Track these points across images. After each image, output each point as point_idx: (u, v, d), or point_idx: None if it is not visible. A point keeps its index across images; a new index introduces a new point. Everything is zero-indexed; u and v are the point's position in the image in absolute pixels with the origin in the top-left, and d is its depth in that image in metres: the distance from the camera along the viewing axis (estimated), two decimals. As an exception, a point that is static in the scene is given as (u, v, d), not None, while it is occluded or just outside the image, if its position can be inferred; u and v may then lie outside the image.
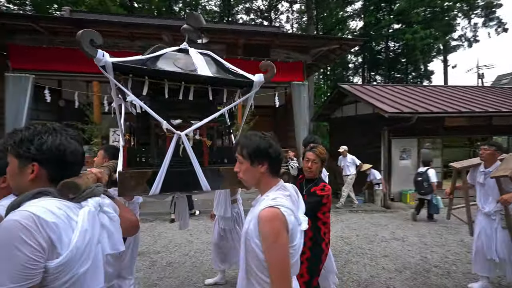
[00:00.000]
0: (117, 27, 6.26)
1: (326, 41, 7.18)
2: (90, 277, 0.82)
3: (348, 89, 8.69)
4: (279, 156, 1.18)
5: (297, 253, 1.12)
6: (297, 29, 22.21)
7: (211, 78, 1.61)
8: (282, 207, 1.05)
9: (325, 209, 1.97)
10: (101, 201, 0.94)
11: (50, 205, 0.78)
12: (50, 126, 0.92)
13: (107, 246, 0.93)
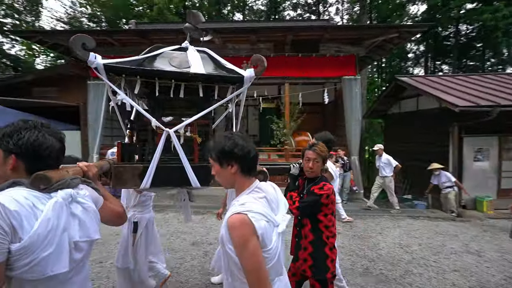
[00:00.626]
0: (173, 34, 6.81)
1: (382, 30, 6.59)
2: (52, 261, 0.88)
3: (407, 82, 7.84)
4: (250, 155, 1.11)
5: (274, 256, 1.08)
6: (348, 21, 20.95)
7: (201, 75, 1.59)
8: (250, 212, 1.00)
9: (327, 211, 1.81)
10: (73, 192, 1.00)
11: (17, 195, 0.87)
12: (31, 124, 1.00)
13: (76, 234, 0.97)
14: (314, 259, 1.78)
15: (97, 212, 1.10)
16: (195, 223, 4.92)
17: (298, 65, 7.15)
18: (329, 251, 1.80)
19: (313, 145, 1.91)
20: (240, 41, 7.14)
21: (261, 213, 1.04)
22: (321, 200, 1.77)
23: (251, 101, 8.36)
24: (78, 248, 1.00)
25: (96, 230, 1.07)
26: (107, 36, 6.87)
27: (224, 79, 1.71)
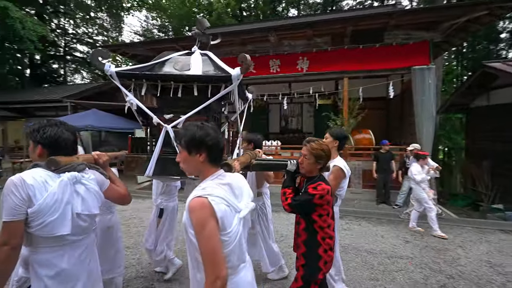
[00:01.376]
0: (230, 36, 7.11)
1: (467, 8, 5.58)
2: (57, 224, 1.21)
3: (501, 69, 6.48)
4: (218, 145, 1.18)
5: (234, 240, 1.11)
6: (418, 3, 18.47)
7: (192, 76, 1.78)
8: (211, 196, 1.05)
9: (321, 211, 1.71)
10: (78, 175, 1.30)
11: (35, 173, 1.21)
12: (53, 122, 1.34)
13: (79, 207, 1.28)
14: (306, 258, 1.75)
15: (99, 192, 1.40)
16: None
17: (359, 58, 6.64)
18: (323, 252, 1.72)
19: (309, 140, 1.84)
20: (296, 37, 7.02)
21: (221, 197, 1.08)
22: (314, 200, 1.68)
23: (306, 98, 8.16)
24: (81, 218, 1.30)
25: (96, 206, 1.37)
26: (174, 43, 7.59)
27: (213, 78, 1.84)
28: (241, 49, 7.43)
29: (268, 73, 7.29)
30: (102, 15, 20.68)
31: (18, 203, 1.15)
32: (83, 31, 21.10)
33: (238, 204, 1.18)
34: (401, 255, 3.56)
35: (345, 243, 3.92)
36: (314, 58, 6.96)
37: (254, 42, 7.31)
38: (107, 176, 1.49)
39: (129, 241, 3.85)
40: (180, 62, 1.98)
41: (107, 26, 21.47)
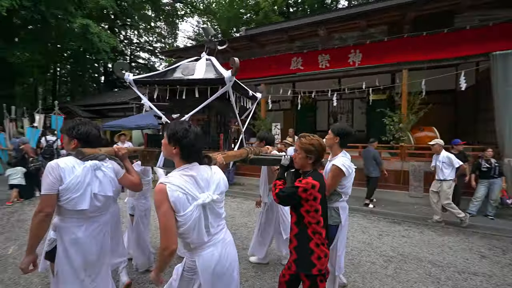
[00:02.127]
0: (279, 33, 7.09)
1: None
2: (79, 201, 1.56)
3: None
4: (191, 147, 1.39)
5: (189, 221, 1.32)
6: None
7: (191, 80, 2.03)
8: (169, 184, 1.30)
9: (308, 207, 1.69)
10: (98, 163, 1.66)
11: (67, 160, 1.59)
12: (84, 121, 1.76)
13: (96, 189, 1.63)
14: (298, 253, 1.74)
15: (114, 179, 1.75)
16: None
17: (421, 46, 5.95)
18: (315, 247, 1.70)
19: (301, 136, 1.87)
20: (347, 30, 6.65)
21: (178, 185, 1.31)
22: (298, 192, 1.68)
23: (358, 94, 7.66)
24: (97, 199, 1.64)
25: (110, 190, 1.71)
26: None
27: (209, 81, 2.03)
28: (289, 46, 7.36)
29: (317, 69, 7.06)
30: (160, 24, 22.76)
31: (53, 181, 1.52)
32: (145, 40, 23.57)
33: (198, 193, 1.37)
34: (475, 272, 3.08)
35: (404, 251, 3.58)
36: (368, 50, 6.48)
37: (302, 38, 7.16)
38: (123, 166, 1.84)
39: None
40: (188, 68, 2.26)
41: (164, 33, 23.57)
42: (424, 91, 5.99)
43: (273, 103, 7.76)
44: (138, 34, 22.95)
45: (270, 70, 7.70)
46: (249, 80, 8.13)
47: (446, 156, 4.51)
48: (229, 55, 8.36)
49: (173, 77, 2.17)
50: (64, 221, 1.61)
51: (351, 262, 3.24)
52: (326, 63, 6.97)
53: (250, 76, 8.02)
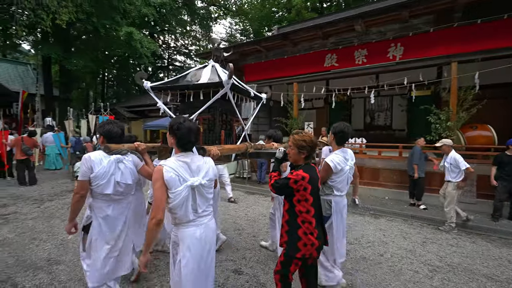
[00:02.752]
0: (313, 30, 6.91)
1: None
2: (105, 187, 2.00)
3: None
4: (184, 139, 1.69)
5: (178, 198, 1.62)
6: None
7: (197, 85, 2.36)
8: (165, 166, 1.61)
9: (299, 197, 1.88)
10: (121, 157, 2.07)
11: (97, 154, 2.02)
12: (109, 121, 2.19)
13: (119, 177, 2.05)
14: (288, 237, 1.94)
15: (134, 170, 2.16)
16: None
17: (475, 36, 5.34)
18: (303, 234, 1.87)
19: (295, 132, 2.02)
20: (387, 22, 6.23)
21: (172, 168, 1.62)
22: (289, 184, 1.85)
23: (398, 90, 7.16)
24: (119, 185, 2.07)
25: (130, 179, 2.12)
26: (256, 45, 7.98)
27: (209, 84, 2.33)
28: (323, 43, 7.15)
29: (353, 65, 6.76)
30: (195, 28, 23.72)
31: (86, 170, 1.98)
32: (181, 44, 24.79)
33: (189, 177, 1.67)
34: (542, 290, 2.70)
35: (453, 261, 3.27)
36: (410, 43, 6.01)
37: (337, 33, 6.90)
38: (142, 160, 2.23)
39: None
40: (196, 74, 2.59)
41: (199, 36, 24.51)
42: (477, 86, 5.38)
43: (305, 102, 7.61)
44: (175, 38, 24.21)
45: (302, 68, 7.56)
46: (281, 79, 8.09)
47: (453, 157, 4.33)
48: (261, 55, 8.41)
49: (182, 83, 2.51)
50: (96, 202, 2.08)
51: (391, 269, 3.06)
52: (363, 59, 6.64)
53: (282, 75, 7.98)
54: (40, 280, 2.75)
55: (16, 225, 4.29)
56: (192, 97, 2.40)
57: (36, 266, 3.02)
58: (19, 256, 3.25)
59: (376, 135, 9.42)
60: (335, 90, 7.41)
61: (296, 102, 7.78)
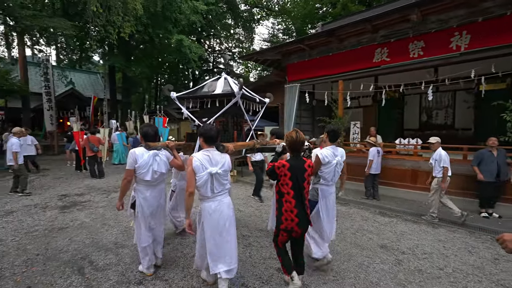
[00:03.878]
0: (361, 24, 6.53)
1: None
2: (145, 174, 2.68)
3: None
4: (209, 137, 2.40)
5: (201, 180, 2.29)
6: None
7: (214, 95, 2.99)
8: (194, 157, 2.31)
9: (282, 181, 2.40)
10: (157, 151, 2.75)
11: (140, 149, 2.70)
12: (147, 124, 3.24)
13: (156, 167, 2.71)
14: (277, 212, 2.49)
15: (166, 162, 2.84)
16: (382, 224, 4.55)
17: None
18: (284, 211, 2.39)
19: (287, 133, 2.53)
20: (449, 9, 5.55)
21: (198, 158, 2.30)
22: (274, 169, 2.40)
23: (462, 84, 6.32)
24: (155, 173, 2.72)
25: (164, 168, 2.79)
26: (299, 44, 7.86)
27: (224, 95, 2.96)
28: (372, 37, 6.71)
29: (407, 59, 6.19)
30: (238, 30, 24.41)
31: (132, 161, 2.66)
32: (225, 47, 25.76)
33: (209, 166, 2.33)
34: None
35: (535, 284, 2.77)
36: (479, 29, 5.25)
37: (389, 25, 6.39)
38: (171, 154, 2.92)
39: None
40: (212, 85, 3.20)
41: (242, 39, 25.16)
42: None
43: (351, 100, 7.23)
44: (219, 42, 25.27)
45: (349, 65, 7.20)
46: (325, 77, 7.84)
47: (439, 154, 4.64)
48: (305, 53, 8.26)
49: (201, 93, 3.14)
50: (139, 186, 2.78)
51: (453, 286, 2.74)
52: (419, 51, 6.03)
53: (326, 73, 7.72)
54: (109, 260, 3.18)
55: (90, 211, 5.01)
56: (210, 104, 3.05)
57: (106, 248, 3.50)
58: (93, 238, 3.80)
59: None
60: (386, 87, 6.88)
61: (341, 101, 7.45)
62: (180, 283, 2.70)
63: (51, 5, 11.25)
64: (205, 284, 2.66)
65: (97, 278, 2.78)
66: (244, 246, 3.58)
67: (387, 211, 5.31)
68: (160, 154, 2.77)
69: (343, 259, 3.28)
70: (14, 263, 3.06)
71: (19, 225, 4.27)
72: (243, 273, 2.89)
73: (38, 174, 8.75)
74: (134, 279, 2.78)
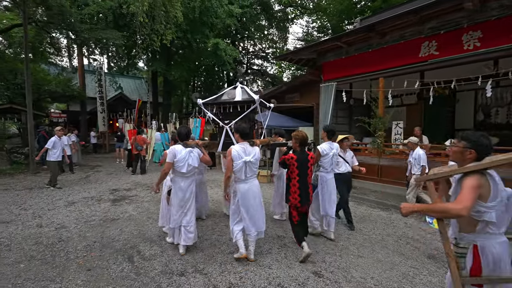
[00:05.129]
0: (406, 16, 6.07)
1: None
2: (182, 167, 3.28)
3: None
4: (244, 133, 3.15)
5: (238, 166, 3.03)
6: None
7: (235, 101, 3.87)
8: (233, 148, 3.07)
9: (291, 169, 3.22)
10: (191, 149, 3.33)
11: (178, 146, 3.33)
12: (183, 126, 3.75)
13: (190, 162, 3.29)
14: (286, 192, 3.34)
15: (198, 157, 3.38)
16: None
17: None
18: (293, 192, 3.20)
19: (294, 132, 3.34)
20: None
21: (236, 150, 3.04)
22: (285, 160, 3.25)
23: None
24: (189, 166, 3.27)
25: (196, 163, 3.36)
26: (336, 41, 7.59)
27: (246, 101, 3.84)
28: (418, 30, 6.21)
29: (460, 51, 5.60)
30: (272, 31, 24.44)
31: (171, 156, 3.21)
32: (258, 48, 25.99)
33: (244, 156, 3.04)
34: None
35: None
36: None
37: (439, 16, 5.85)
38: (201, 151, 3.46)
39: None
40: (231, 93, 4.05)
41: (275, 39, 25.13)
42: None
43: (393, 98, 6.77)
44: (253, 43, 25.58)
45: (391, 61, 6.76)
46: (364, 75, 7.46)
47: (418, 154, 5.00)
48: (341, 51, 7.96)
49: (223, 100, 3.98)
50: (175, 177, 3.36)
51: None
52: (475, 42, 5.41)
53: (365, 70, 7.35)
54: (154, 251, 3.44)
55: (137, 205, 5.47)
56: (230, 109, 3.91)
57: (151, 240, 3.79)
58: (140, 230, 4.14)
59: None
60: (434, 83, 6.30)
61: (381, 99, 7.03)
62: (218, 278, 2.81)
63: (105, 19, 12.50)
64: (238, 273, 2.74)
65: (144, 267, 3.03)
66: (279, 247, 3.59)
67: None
68: (193, 151, 3.35)
69: (385, 268, 3.10)
70: (77, 248, 3.49)
71: (79, 214, 4.84)
72: (278, 274, 2.90)
73: (91, 171, 9.79)
74: (177, 270, 2.96)
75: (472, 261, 1.51)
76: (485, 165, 1.48)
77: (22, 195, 6.13)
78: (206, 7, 14.24)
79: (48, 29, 11.83)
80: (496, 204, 1.49)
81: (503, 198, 1.53)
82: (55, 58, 15.57)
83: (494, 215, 1.48)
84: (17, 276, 2.82)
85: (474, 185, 1.44)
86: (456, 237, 1.63)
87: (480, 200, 1.47)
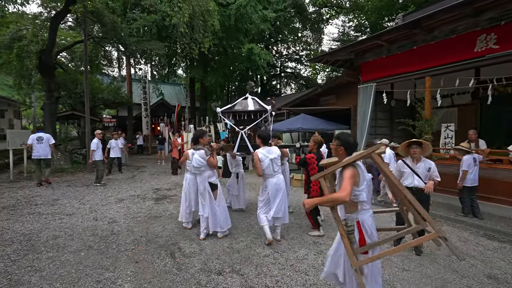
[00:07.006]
0: (458, 8, 5.53)
1: None
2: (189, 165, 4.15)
3: None
4: (265, 138, 3.87)
5: (265, 164, 3.74)
6: None
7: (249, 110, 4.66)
8: (259, 151, 3.79)
9: (310, 166, 4.04)
10: (195, 150, 3.98)
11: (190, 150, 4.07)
12: (200, 129, 5.87)
13: (197, 162, 3.91)
14: (306, 190, 4.22)
15: (198, 158, 3.91)
16: (489, 249, 3.73)
17: None
18: (313, 185, 4.02)
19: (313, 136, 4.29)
20: None
21: (262, 152, 3.78)
22: (305, 160, 4.08)
23: None
24: (196, 164, 3.91)
25: (199, 162, 3.90)
26: (376, 40, 7.20)
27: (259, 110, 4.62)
28: (472, 22, 5.61)
29: (526, 44, 4.92)
30: (306, 33, 24.14)
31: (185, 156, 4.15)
32: (292, 51, 25.86)
33: (269, 155, 3.76)
34: None
35: None
36: None
37: (499, 5, 5.22)
38: (208, 154, 3.90)
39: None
40: (243, 103, 4.75)
41: (310, 41, 24.76)
42: None
43: (442, 98, 6.17)
44: (287, 47, 25.53)
45: (439, 58, 6.20)
46: (408, 74, 6.95)
47: (389, 154, 5.60)
48: (382, 49, 7.53)
49: (238, 109, 4.69)
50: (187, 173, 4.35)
51: None
52: (546, 33, 4.71)
53: (409, 69, 6.85)
54: (194, 249, 3.60)
55: (177, 204, 5.79)
56: (243, 117, 4.66)
57: (190, 238, 3.98)
58: (180, 228, 4.38)
59: None
60: (493, 81, 5.61)
61: (428, 100, 6.47)
62: (255, 280, 2.84)
63: (149, 31, 13.60)
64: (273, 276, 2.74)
65: (185, 263, 3.19)
66: (316, 253, 3.50)
67: (495, 233, 4.30)
68: (197, 152, 3.91)
69: (435, 285, 2.83)
70: (126, 241, 3.82)
71: (127, 211, 5.30)
72: (315, 281, 2.83)
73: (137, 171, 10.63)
74: (215, 269, 3.07)
75: (358, 234, 1.91)
76: (354, 159, 1.88)
77: (81, 191, 6.91)
78: (241, 14, 14.63)
79: (102, 44, 13.26)
80: (365, 186, 1.92)
81: (367, 181, 1.95)
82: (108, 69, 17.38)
83: (365, 195, 1.92)
84: (79, 263, 3.18)
85: (350, 175, 1.81)
86: (345, 218, 1.97)
87: (355, 186, 1.86)
